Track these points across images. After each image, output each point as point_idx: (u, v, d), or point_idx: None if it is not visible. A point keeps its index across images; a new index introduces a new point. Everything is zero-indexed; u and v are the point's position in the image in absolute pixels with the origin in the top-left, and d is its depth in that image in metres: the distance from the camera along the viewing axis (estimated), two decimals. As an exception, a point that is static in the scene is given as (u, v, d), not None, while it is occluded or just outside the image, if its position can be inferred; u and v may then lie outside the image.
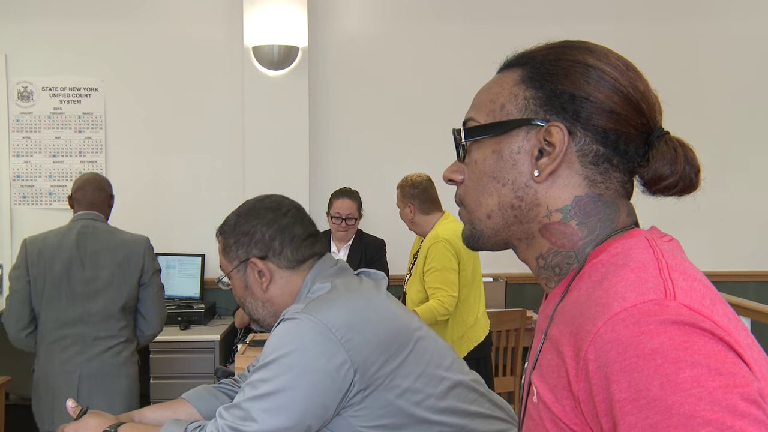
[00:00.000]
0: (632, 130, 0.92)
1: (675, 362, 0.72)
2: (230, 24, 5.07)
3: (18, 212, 5.14)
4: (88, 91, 5.11)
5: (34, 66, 5.07)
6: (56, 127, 5.11)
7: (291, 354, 1.55)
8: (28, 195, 5.13)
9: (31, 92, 5.08)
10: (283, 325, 1.61)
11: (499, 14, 5.27)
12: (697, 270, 0.87)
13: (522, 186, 0.94)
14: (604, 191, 0.93)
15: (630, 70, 0.94)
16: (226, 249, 1.81)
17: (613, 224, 0.93)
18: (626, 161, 0.93)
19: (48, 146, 5.12)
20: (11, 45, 5.06)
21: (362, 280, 1.79)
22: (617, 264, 0.86)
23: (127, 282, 3.36)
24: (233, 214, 1.83)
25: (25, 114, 5.09)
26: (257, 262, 1.77)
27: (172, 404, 1.93)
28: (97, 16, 5.09)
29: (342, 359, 1.56)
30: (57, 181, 5.13)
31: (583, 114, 0.91)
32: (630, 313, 0.77)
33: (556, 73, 0.93)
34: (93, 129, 5.13)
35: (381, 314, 1.67)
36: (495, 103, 0.96)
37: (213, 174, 5.18)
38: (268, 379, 1.56)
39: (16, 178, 5.11)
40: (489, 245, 1.00)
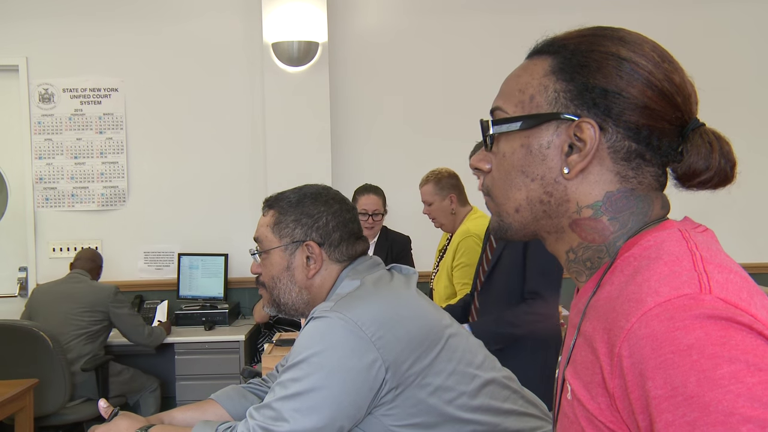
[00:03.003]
0: (666, 124, 0.89)
1: (712, 358, 0.70)
2: (249, 21, 5.04)
3: (41, 215, 5.13)
4: (108, 92, 5.09)
5: (54, 68, 5.06)
6: (77, 129, 5.10)
7: (322, 353, 1.52)
8: (51, 197, 5.12)
9: (52, 94, 5.07)
10: (312, 323, 1.58)
11: (523, 5, 5.18)
12: (733, 261, 0.84)
13: (551, 182, 0.92)
14: (637, 186, 0.91)
15: (665, 62, 0.90)
16: (279, 224, 1.75)
17: (646, 217, 0.91)
18: (659, 155, 0.90)
19: (70, 148, 5.11)
20: (32, 47, 5.05)
21: (393, 275, 1.75)
22: (650, 257, 0.83)
23: None
24: (293, 193, 1.80)
25: (47, 116, 5.08)
26: (314, 247, 1.74)
27: (200, 405, 1.90)
28: (116, 17, 5.07)
29: (373, 357, 1.52)
30: (79, 182, 5.12)
31: (615, 110, 0.88)
32: (664, 308, 0.75)
33: (588, 65, 0.90)
34: (114, 130, 5.12)
35: (412, 311, 1.63)
36: (524, 94, 0.94)
37: (234, 172, 5.14)
38: (299, 378, 1.53)
39: (38, 181, 5.11)
40: (518, 237, 0.98)
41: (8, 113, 5.10)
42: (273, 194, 1.81)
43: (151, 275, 5.17)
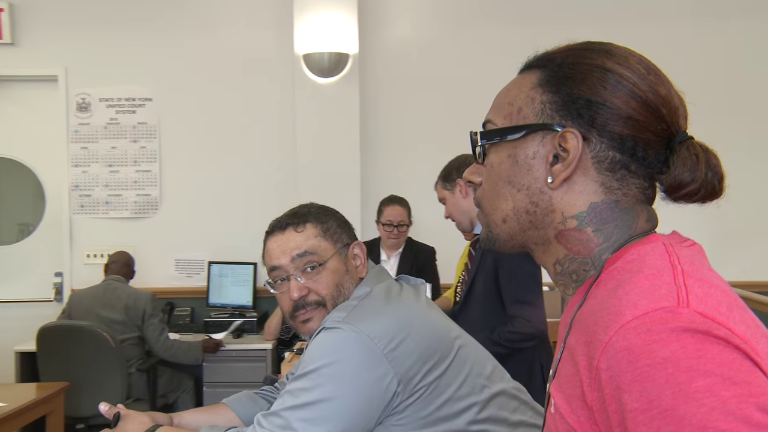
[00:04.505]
0: (651, 135, 0.89)
1: (687, 371, 0.70)
2: (281, 32, 5.10)
3: (77, 221, 5.24)
4: (142, 102, 5.19)
5: (91, 78, 5.18)
6: (112, 137, 5.20)
7: (333, 364, 1.52)
8: (86, 204, 5.23)
9: (88, 104, 5.19)
10: (324, 334, 1.58)
11: (555, 17, 5.17)
12: (718, 276, 0.85)
13: (537, 192, 0.93)
14: (621, 198, 0.91)
15: (651, 74, 0.91)
16: (328, 231, 1.74)
17: (631, 230, 0.91)
18: (645, 167, 0.91)
19: (104, 156, 5.21)
20: (71, 58, 5.17)
21: (402, 286, 1.75)
22: (632, 271, 0.84)
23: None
24: (305, 208, 1.80)
25: (83, 125, 5.20)
26: (362, 246, 1.78)
27: (212, 409, 1.91)
28: (150, 28, 5.17)
29: (385, 370, 1.53)
30: (113, 190, 5.21)
31: (599, 120, 0.89)
32: (641, 321, 0.75)
33: (574, 77, 0.91)
34: (147, 138, 5.21)
35: (423, 322, 1.63)
36: (512, 106, 0.95)
37: (264, 182, 5.19)
38: (309, 388, 1.53)
39: (74, 188, 5.21)
40: (506, 248, 0.99)
41: (48, 122, 5.22)
42: (282, 216, 1.79)
43: (181, 282, 5.24)
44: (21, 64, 5.16)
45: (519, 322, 2.72)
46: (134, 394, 4.36)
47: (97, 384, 4.18)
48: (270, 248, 1.76)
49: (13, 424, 3.51)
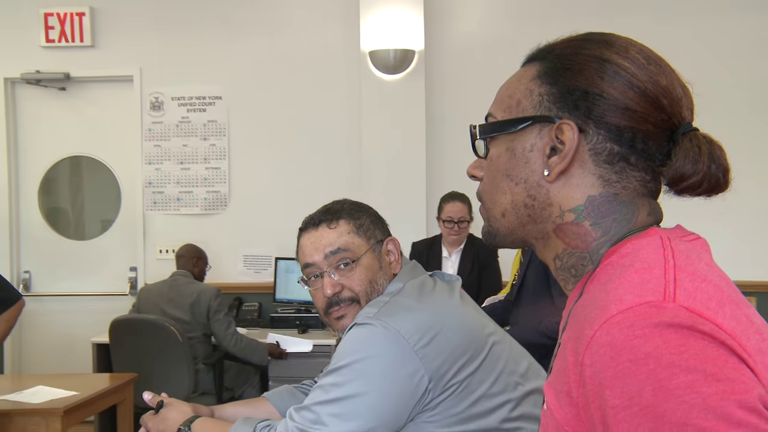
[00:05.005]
0: (651, 127, 0.87)
1: (669, 367, 0.69)
2: (347, 29, 5.12)
3: (150, 217, 5.39)
4: (212, 100, 5.31)
5: (164, 77, 5.32)
6: (184, 135, 5.33)
7: (364, 360, 1.53)
8: (159, 201, 5.37)
9: (161, 102, 5.33)
10: (355, 330, 1.59)
11: (624, 12, 5.04)
12: (717, 271, 0.82)
13: (534, 185, 0.92)
14: (621, 191, 0.89)
15: (652, 64, 0.89)
16: (361, 227, 1.74)
17: (630, 224, 0.89)
18: (646, 159, 0.88)
19: (176, 154, 5.35)
20: (145, 59, 5.33)
21: (436, 282, 1.73)
22: (624, 265, 0.82)
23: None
24: (338, 204, 1.80)
25: (156, 123, 5.35)
26: (396, 242, 1.78)
27: (253, 402, 1.94)
28: (220, 27, 5.28)
29: (415, 367, 1.53)
30: (184, 187, 5.35)
31: (595, 111, 0.88)
32: (625, 316, 0.73)
33: (571, 68, 0.90)
34: (217, 136, 5.32)
35: (455, 319, 1.62)
36: (512, 99, 0.95)
37: (331, 178, 5.23)
38: (340, 383, 1.54)
39: (148, 185, 5.37)
40: (506, 243, 0.98)
41: (123, 121, 5.40)
42: (315, 213, 1.79)
43: (249, 278, 5.33)
44: (99, 66, 5.35)
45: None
46: (201, 387, 4.45)
47: (165, 376, 4.29)
48: (303, 245, 1.77)
49: (84, 412, 3.64)
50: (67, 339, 5.40)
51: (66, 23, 5.31)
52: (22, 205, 5.54)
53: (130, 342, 4.36)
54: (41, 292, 5.54)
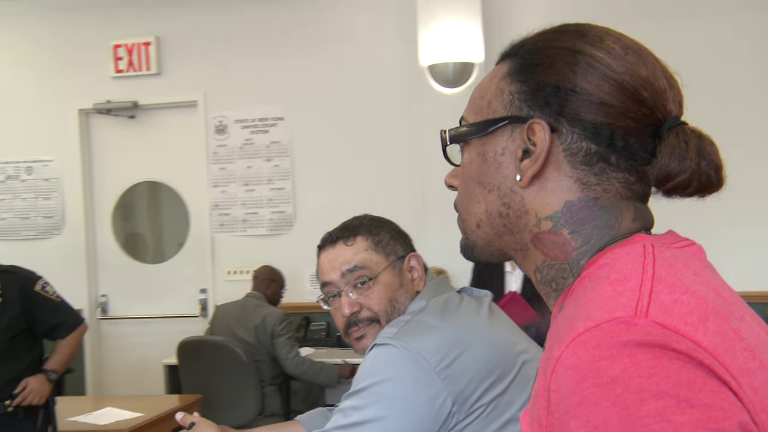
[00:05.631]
0: (631, 122, 0.79)
1: (637, 392, 0.61)
2: (406, 44, 5.09)
3: (218, 239, 5.46)
4: (275, 121, 5.35)
5: (227, 101, 5.40)
6: (248, 157, 5.39)
7: (383, 383, 1.48)
8: (226, 222, 5.44)
9: (225, 125, 5.41)
10: (375, 350, 1.53)
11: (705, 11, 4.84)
12: (706, 280, 0.73)
13: (508, 191, 0.84)
14: (601, 194, 0.81)
15: (630, 54, 0.81)
16: (380, 243, 1.69)
17: (613, 231, 0.81)
18: (628, 159, 0.80)
19: (241, 175, 5.41)
20: (209, 84, 5.43)
21: (463, 298, 1.66)
22: (600, 277, 0.75)
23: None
24: (358, 220, 1.75)
25: (221, 146, 5.43)
26: (418, 258, 1.72)
27: (286, 426, 1.91)
28: (279, 49, 5.34)
29: (437, 390, 1.46)
30: (250, 208, 5.40)
31: (568, 108, 0.80)
32: (592, 335, 0.66)
33: (542, 62, 0.83)
34: (280, 157, 5.36)
35: (481, 337, 1.55)
36: (483, 100, 0.88)
37: (394, 195, 5.18)
38: (359, 407, 1.49)
39: (214, 207, 5.45)
40: (484, 256, 0.90)
41: (189, 145, 5.50)
42: (333, 230, 1.74)
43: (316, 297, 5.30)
44: (165, 92, 5.48)
45: None
46: (268, 409, 4.44)
47: (231, 397, 4.31)
48: (321, 263, 1.72)
49: (148, 434, 3.68)
50: (141, 360, 5.51)
51: (134, 53, 5.47)
52: (97, 230, 5.70)
53: (197, 363, 4.41)
54: (117, 315, 5.68)
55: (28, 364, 3.35)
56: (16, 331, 3.31)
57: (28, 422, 3.36)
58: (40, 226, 5.66)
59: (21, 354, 3.35)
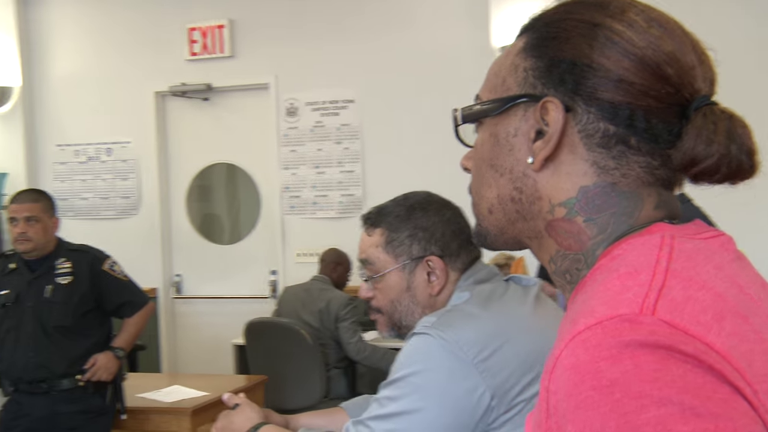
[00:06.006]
0: (653, 102, 0.72)
1: (638, 398, 0.56)
2: (477, 26, 4.98)
3: (288, 221, 5.50)
4: (345, 104, 5.33)
5: (298, 83, 5.41)
6: (318, 140, 5.39)
7: (419, 374, 1.43)
8: (296, 205, 5.47)
9: (296, 108, 5.42)
10: (413, 339, 1.48)
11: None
12: (729, 275, 0.66)
13: (520, 175, 0.79)
14: (620, 179, 0.75)
15: (654, 27, 0.74)
16: (392, 242, 1.63)
17: (632, 219, 0.75)
18: (650, 141, 0.73)
19: (311, 158, 5.42)
20: (280, 66, 5.45)
21: (509, 287, 1.59)
22: (610, 270, 0.69)
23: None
24: (397, 206, 1.68)
25: (292, 129, 5.45)
26: (436, 262, 1.61)
27: (329, 412, 1.90)
28: (350, 31, 5.31)
29: (474, 383, 1.40)
30: (320, 191, 5.40)
31: (584, 85, 0.74)
32: (593, 333, 0.61)
33: (558, 36, 0.77)
34: (350, 140, 5.34)
35: (525, 329, 1.48)
36: (498, 77, 0.83)
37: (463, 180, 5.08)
38: (395, 398, 1.45)
39: (285, 190, 5.48)
40: (498, 244, 0.85)
41: (260, 127, 5.54)
42: (372, 209, 1.70)
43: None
44: (238, 75, 5.52)
45: None
46: (333, 392, 4.46)
47: (297, 380, 4.34)
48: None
49: (212, 413, 3.73)
50: (213, 340, 5.61)
51: (208, 36, 5.53)
52: (172, 211, 5.82)
53: (263, 344, 4.45)
54: (191, 294, 5.80)
55: (97, 340, 3.44)
56: (86, 308, 3.40)
57: (98, 397, 3.44)
58: (118, 206, 5.82)
59: (91, 331, 3.43)
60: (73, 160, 5.88)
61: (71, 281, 3.37)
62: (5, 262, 3.48)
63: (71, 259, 3.41)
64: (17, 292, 3.36)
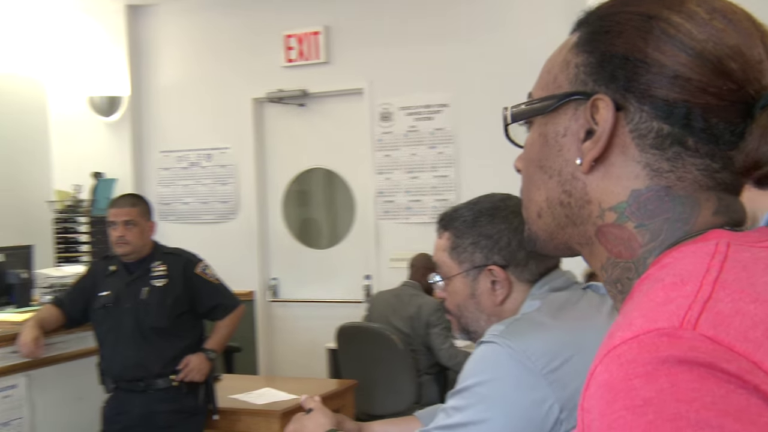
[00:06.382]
0: (712, 99, 0.67)
1: (673, 419, 0.51)
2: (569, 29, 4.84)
3: (381, 226, 5.50)
4: (439, 108, 5.29)
5: (392, 88, 5.41)
6: (412, 144, 5.37)
7: (486, 383, 1.39)
8: (390, 210, 5.46)
9: (390, 113, 5.42)
10: (480, 348, 1.44)
11: None
12: None
13: (569, 177, 0.74)
14: (675, 183, 0.69)
15: (717, 18, 0.68)
16: (456, 248, 1.59)
17: (687, 225, 0.69)
18: (709, 142, 0.68)
19: (405, 163, 5.40)
20: (374, 71, 5.46)
21: (584, 295, 1.52)
22: (657, 279, 0.64)
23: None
24: (468, 209, 1.63)
25: (386, 133, 5.45)
26: (498, 272, 1.56)
27: (403, 421, 1.86)
28: (444, 36, 5.26)
29: (543, 394, 1.34)
30: (413, 196, 5.38)
31: (637, 82, 0.69)
32: (629, 347, 0.56)
33: (611, 30, 0.72)
34: (444, 144, 5.29)
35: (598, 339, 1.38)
36: (550, 74, 0.78)
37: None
38: (461, 408, 1.41)
39: (379, 194, 5.48)
40: (548, 249, 0.81)
41: (355, 132, 5.57)
42: (447, 210, 1.67)
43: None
44: (333, 81, 5.57)
45: None
46: (425, 399, 4.41)
47: (387, 385, 4.32)
48: None
49: (301, 416, 3.76)
50: (308, 343, 5.67)
51: (304, 43, 5.60)
52: (269, 215, 5.92)
53: (355, 349, 4.46)
54: (287, 298, 5.88)
55: (190, 342, 3.52)
56: (180, 310, 3.48)
57: (191, 397, 3.52)
58: (217, 211, 5.97)
59: (184, 332, 3.52)
60: (175, 166, 6.07)
61: (166, 284, 3.46)
62: (106, 264, 3.61)
63: (166, 262, 3.50)
64: (116, 294, 3.47)
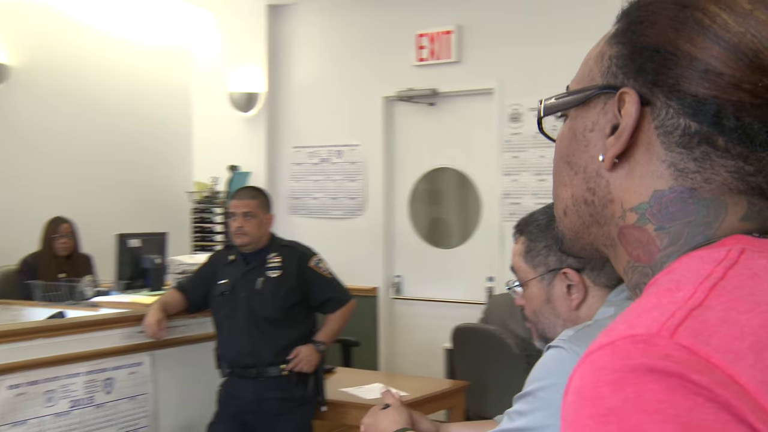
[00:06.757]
0: (746, 96, 0.61)
1: (635, 430, 0.49)
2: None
3: (506, 228, 5.39)
4: (567, 109, 5.14)
5: (524, 89, 5.31)
6: (541, 146, 5.25)
7: (549, 388, 1.36)
8: (516, 212, 5.35)
9: (520, 114, 5.33)
10: (548, 352, 1.42)
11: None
12: None
13: (593, 174, 0.70)
14: (701, 184, 0.65)
15: (759, 8, 0.62)
16: (530, 252, 1.58)
17: (710, 230, 0.65)
18: (742, 143, 0.62)
19: (533, 165, 5.30)
20: (505, 71, 5.39)
21: None
22: (658, 284, 0.61)
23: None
24: (542, 214, 1.61)
25: (515, 134, 5.36)
26: (572, 275, 1.52)
27: (481, 424, 1.88)
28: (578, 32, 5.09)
29: None
30: (540, 199, 5.26)
31: (666, 75, 0.64)
32: (603, 353, 0.55)
33: (644, 20, 0.68)
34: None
35: None
36: (586, 66, 0.75)
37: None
38: (524, 412, 1.40)
39: (505, 196, 5.40)
40: (575, 250, 0.77)
41: (483, 133, 5.52)
42: (524, 216, 1.64)
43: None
44: (463, 80, 5.55)
45: None
46: None
47: (500, 388, 4.25)
48: None
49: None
50: (427, 342, 5.67)
51: (435, 42, 5.60)
52: (396, 213, 5.97)
53: (470, 350, 4.42)
54: (409, 296, 5.90)
55: (301, 333, 3.60)
56: (293, 301, 3.57)
57: (300, 387, 3.61)
58: (345, 207, 6.08)
59: (296, 323, 3.61)
60: (307, 161, 6.24)
61: (280, 275, 3.56)
62: (226, 253, 3.76)
63: (281, 254, 3.60)
64: (234, 282, 3.61)
